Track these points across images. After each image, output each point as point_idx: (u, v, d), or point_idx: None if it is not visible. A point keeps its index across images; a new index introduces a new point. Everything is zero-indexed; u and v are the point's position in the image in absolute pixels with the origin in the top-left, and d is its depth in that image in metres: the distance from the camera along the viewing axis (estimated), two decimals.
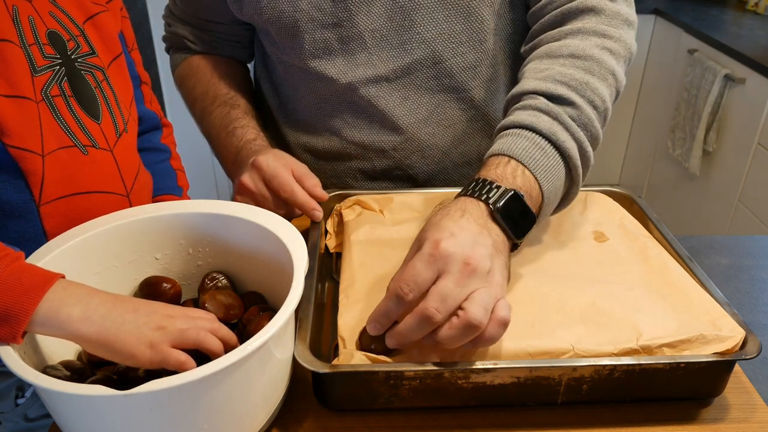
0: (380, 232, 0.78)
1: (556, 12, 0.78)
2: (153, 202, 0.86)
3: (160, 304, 0.56)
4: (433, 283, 0.55)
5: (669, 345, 0.60)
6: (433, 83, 0.88)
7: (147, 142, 0.89)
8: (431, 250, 0.56)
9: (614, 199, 0.84)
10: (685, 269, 0.70)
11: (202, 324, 0.54)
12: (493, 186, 0.62)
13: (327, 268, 0.78)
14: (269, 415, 0.58)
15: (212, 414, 0.51)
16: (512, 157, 0.65)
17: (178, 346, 0.52)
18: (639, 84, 2.78)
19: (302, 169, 0.81)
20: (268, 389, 0.57)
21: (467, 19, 0.84)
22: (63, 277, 0.53)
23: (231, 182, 0.89)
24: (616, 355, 0.59)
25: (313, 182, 0.80)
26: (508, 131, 0.68)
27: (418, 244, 0.59)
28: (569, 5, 0.77)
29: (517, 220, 0.62)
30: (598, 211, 0.81)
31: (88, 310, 0.51)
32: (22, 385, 0.76)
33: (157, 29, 2.33)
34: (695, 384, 0.61)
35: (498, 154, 0.66)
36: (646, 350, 0.59)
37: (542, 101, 0.68)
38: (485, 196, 0.61)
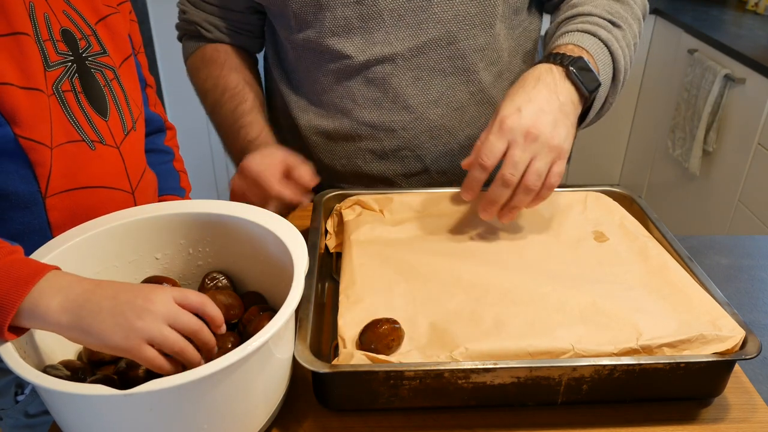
0: (380, 232, 0.78)
1: None
2: (157, 202, 0.87)
3: (144, 287, 0.54)
4: (506, 152, 0.70)
5: (669, 345, 0.60)
6: (446, 64, 0.91)
7: (151, 143, 0.89)
8: (499, 127, 0.71)
9: (614, 199, 0.84)
10: (685, 269, 0.70)
11: (184, 320, 0.52)
12: (566, 56, 0.76)
13: (327, 268, 0.78)
14: (269, 415, 0.58)
15: (212, 414, 0.51)
16: (579, 46, 0.78)
17: (153, 345, 0.51)
18: (639, 84, 2.78)
19: (293, 160, 0.82)
20: (268, 389, 0.57)
21: (481, 2, 0.87)
22: (57, 269, 0.53)
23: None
24: (616, 354, 0.59)
25: (301, 171, 0.81)
26: (572, 34, 0.80)
27: (493, 118, 0.73)
28: None
29: (587, 77, 0.76)
30: (598, 211, 0.81)
31: (67, 300, 0.50)
32: (21, 382, 0.77)
33: (158, 29, 2.33)
34: (695, 384, 0.61)
35: (566, 44, 0.79)
36: (646, 350, 0.59)
37: (596, 19, 0.82)
38: (559, 61, 0.76)
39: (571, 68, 0.75)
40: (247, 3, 0.93)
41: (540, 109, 0.71)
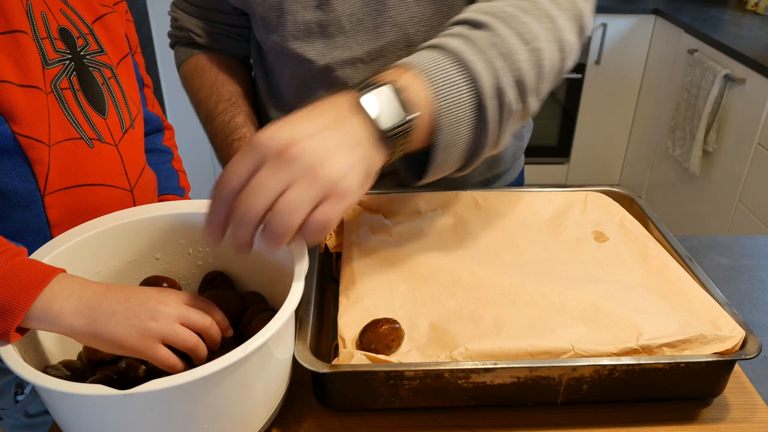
0: (380, 232, 0.78)
1: None
2: (157, 201, 0.87)
3: (154, 290, 0.56)
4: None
5: (669, 345, 0.60)
6: None
7: (150, 143, 0.90)
8: (248, 145, 0.51)
9: (614, 199, 0.84)
10: (685, 269, 0.70)
11: (195, 317, 0.55)
12: (369, 83, 0.56)
13: (327, 268, 0.78)
14: (269, 415, 0.58)
15: (212, 414, 0.51)
16: (404, 66, 0.58)
17: (167, 342, 0.53)
18: (639, 84, 2.79)
19: None
20: (268, 389, 0.57)
21: (437, 3, 0.85)
22: (63, 272, 0.53)
23: None
24: (616, 354, 0.59)
25: None
26: (414, 54, 0.61)
27: None
28: None
29: (383, 108, 0.54)
30: (598, 211, 0.81)
31: (80, 303, 0.51)
32: (21, 382, 0.77)
33: (158, 30, 2.33)
34: (695, 384, 0.61)
35: (391, 67, 0.59)
36: (646, 350, 0.59)
37: (460, 27, 0.62)
38: (355, 90, 0.55)
39: (362, 93, 0.54)
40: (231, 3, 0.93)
41: (309, 131, 0.51)
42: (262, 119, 1.05)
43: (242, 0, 0.88)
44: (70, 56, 0.70)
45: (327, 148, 0.51)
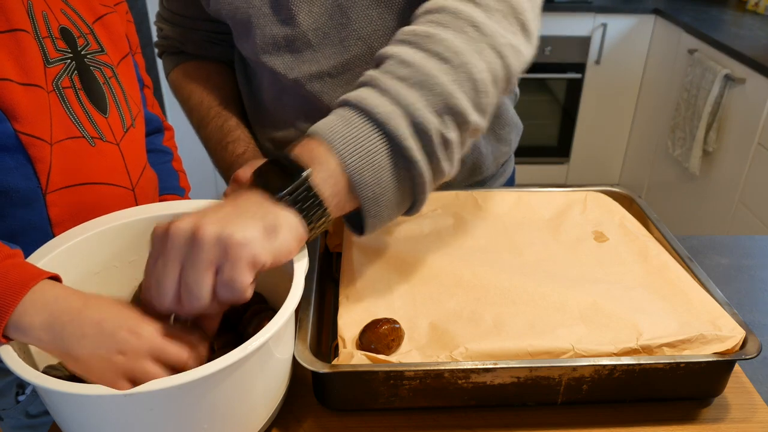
0: (380, 232, 0.78)
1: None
2: (158, 201, 0.87)
3: (133, 316, 0.51)
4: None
5: (669, 345, 0.60)
6: None
7: (150, 144, 0.90)
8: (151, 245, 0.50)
9: (614, 199, 0.84)
10: (685, 269, 0.70)
11: (171, 352, 0.50)
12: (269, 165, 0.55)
13: (327, 268, 0.78)
14: (269, 415, 0.58)
15: (212, 414, 0.51)
16: (311, 136, 0.55)
17: (132, 380, 0.48)
18: (639, 84, 2.79)
19: None
20: (268, 389, 0.57)
21: (400, 16, 0.84)
22: (54, 276, 0.52)
23: None
24: (616, 354, 0.59)
25: None
26: (334, 111, 0.58)
27: None
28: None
29: (264, 178, 0.53)
30: (598, 211, 0.81)
31: (52, 318, 0.48)
32: (22, 382, 0.77)
33: None
34: (695, 384, 0.61)
35: (307, 136, 0.57)
36: (646, 350, 0.59)
37: (371, 71, 0.58)
38: (264, 183, 0.54)
39: (254, 181, 0.54)
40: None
41: (199, 212, 0.50)
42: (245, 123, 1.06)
43: (217, 13, 0.88)
44: (71, 55, 0.70)
45: (208, 220, 0.49)
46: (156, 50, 1.06)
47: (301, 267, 0.59)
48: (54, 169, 0.67)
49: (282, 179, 0.53)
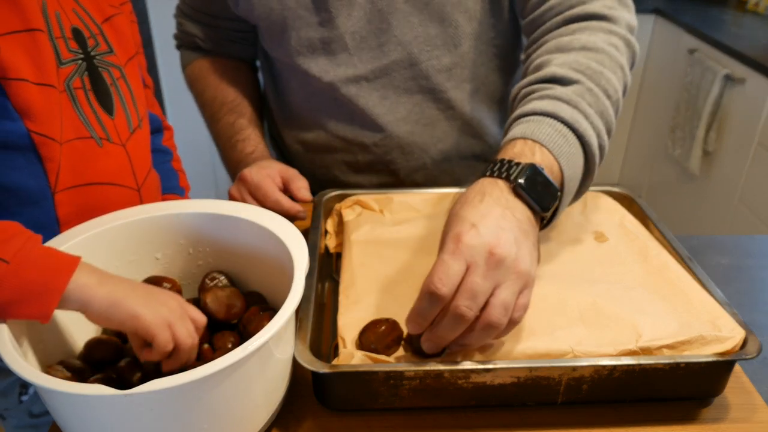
0: (380, 232, 0.78)
1: (558, 18, 0.78)
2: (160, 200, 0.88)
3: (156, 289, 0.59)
4: (464, 276, 0.55)
5: (669, 347, 0.60)
6: (411, 84, 0.90)
7: (150, 143, 0.90)
8: (455, 246, 0.55)
9: (614, 199, 0.84)
10: (685, 269, 0.70)
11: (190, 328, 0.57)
12: (512, 163, 0.62)
13: (327, 268, 0.78)
14: (269, 415, 0.58)
15: (212, 414, 0.51)
16: (533, 140, 0.64)
17: (173, 330, 0.55)
18: (639, 84, 2.78)
19: (290, 172, 0.84)
20: (268, 389, 0.57)
21: (441, 24, 0.86)
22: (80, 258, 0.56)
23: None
24: (615, 356, 0.59)
25: (299, 185, 0.83)
26: (527, 118, 0.67)
27: (443, 239, 0.58)
28: (571, 11, 0.77)
29: (540, 192, 0.61)
30: (598, 211, 0.81)
31: (103, 277, 0.55)
32: (25, 382, 0.77)
33: (158, 30, 2.33)
34: (695, 384, 0.61)
35: (517, 138, 0.65)
36: (646, 352, 0.59)
37: (560, 90, 0.68)
38: (505, 173, 0.61)
39: (520, 181, 0.60)
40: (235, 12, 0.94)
41: (498, 227, 0.56)
42: (269, 122, 1.06)
43: (247, 13, 0.89)
44: (82, 56, 0.70)
45: (516, 244, 0.56)
46: (175, 42, 1.06)
47: (301, 267, 0.59)
48: (63, 168, 0.68)
49: (550, 199, 0.62)
